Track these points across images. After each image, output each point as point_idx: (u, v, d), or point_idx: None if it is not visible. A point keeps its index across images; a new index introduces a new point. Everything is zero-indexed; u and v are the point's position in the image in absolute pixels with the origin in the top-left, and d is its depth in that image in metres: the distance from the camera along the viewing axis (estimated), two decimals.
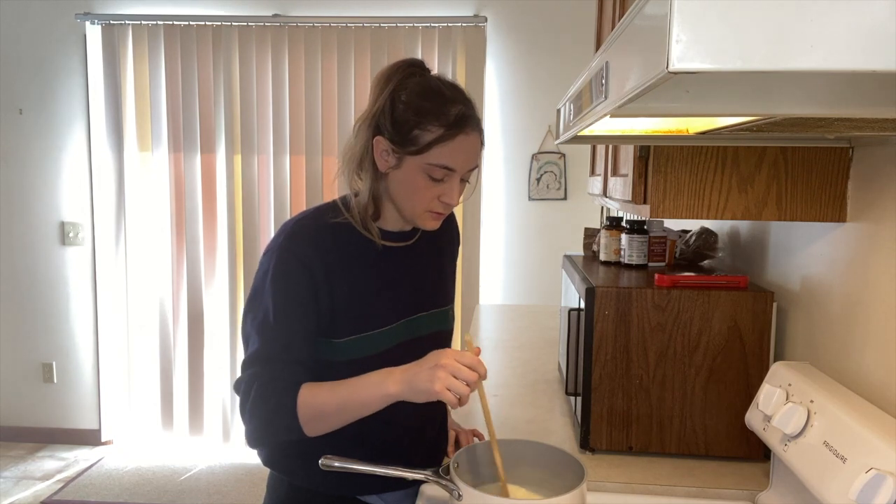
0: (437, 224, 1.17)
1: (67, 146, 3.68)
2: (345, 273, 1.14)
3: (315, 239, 1.13)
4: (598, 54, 0.73)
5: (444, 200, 1.13)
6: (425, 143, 1.07)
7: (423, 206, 1.13)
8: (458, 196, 1.14)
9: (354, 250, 1.16)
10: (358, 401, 1.06)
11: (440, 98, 1.09)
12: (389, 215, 1.20)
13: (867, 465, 0.83)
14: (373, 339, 1.17)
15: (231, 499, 3.22)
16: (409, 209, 1.15)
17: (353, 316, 1.15)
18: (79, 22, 3.55)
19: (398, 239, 1.22)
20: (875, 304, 1.06)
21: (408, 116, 1.08)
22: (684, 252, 1.69)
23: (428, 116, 1.07)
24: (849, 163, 1.17)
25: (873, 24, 0.43)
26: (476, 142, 1.12)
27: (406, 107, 1.09)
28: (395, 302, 1.20)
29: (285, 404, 1.06)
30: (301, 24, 3.47)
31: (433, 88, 1.10)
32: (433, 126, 1.07)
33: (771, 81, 0.55)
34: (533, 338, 2.34)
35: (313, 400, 1.07)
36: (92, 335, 3.79)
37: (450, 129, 1.07)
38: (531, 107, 3.50)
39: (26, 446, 3.78)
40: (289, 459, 1.22)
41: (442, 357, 1.01)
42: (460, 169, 1.11)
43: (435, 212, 1.14)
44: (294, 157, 3.58)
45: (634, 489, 1.25)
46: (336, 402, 1.06)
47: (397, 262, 1.22)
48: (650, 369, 1.33)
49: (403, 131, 1.08)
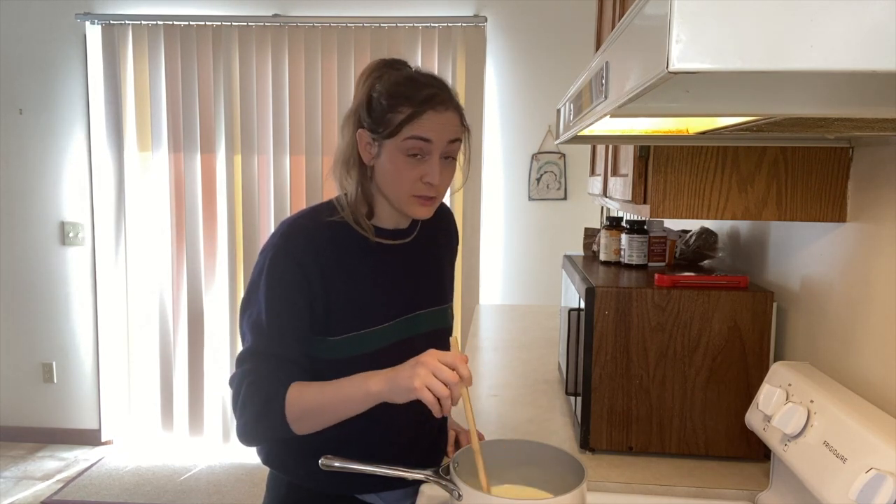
0: (427, 211, 1.17)
1: (67, 146, 3.68)
2: (340, 271, 1.14)
3: (310, 238, 1.14)
4: (598, 54, 0.72)
5: (427, 180, 1.12)
6: (397, 124, 1.10)
7: (408, 189, 1.13)
8: (439, 175, 1.13)
9: (350, 248, 1.17)
10: (341, 399, 1.06)
11: (412, 83, 1.12)
12: (383, 212, 1.20)
13: (867, 465, 0.83)
14: (369, 337, 1.17)
15: (231, 499, 3.22)
16: (396, 196, 1.15)
17: (348, 314, 1.15)
18: (79, 22, 3.55)
19: (394, 236, 1.22)
20: (875, 304, 1.06)
21: (381, 103, 1.11)
22: (684, 252, 1.69)
23: (399, 99, 1.10)
24: (849, 163, 1.17)
25: (873, 24, 0.43)
26: (450, 118, 1.12)
27: (379, 95, 1.12)
28: (392, 300, 1.20)
29: (274, 402, 1.07)
30: (301, 24, 3.47)
31: (406, 76, 1.13)
32: (403, 107, 1.10)
33: (771, 81, 0.55)
34: (533, 338, 2.34)
35: (300, 398, 1.07)
36: (92, 335, 3.79)
37: (419, 106, 1.09)
38: (531, 107, 3.50)
39: (26, 446, 3.78)
40: (288, 458, 1.22)
41: (423, 356, 1.01)
42: (436, 140, 1.11)
43: (421, 195, 1.14)
44: (294, 157, 3.58)
45: (634, 489, 1.25)
46: (320, 401, 1.07)
47: (395, 260, 1.22)
48: (650, 369, 1.33)
49: (378, 118, 1.12)
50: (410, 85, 1.11)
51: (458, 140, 1.15)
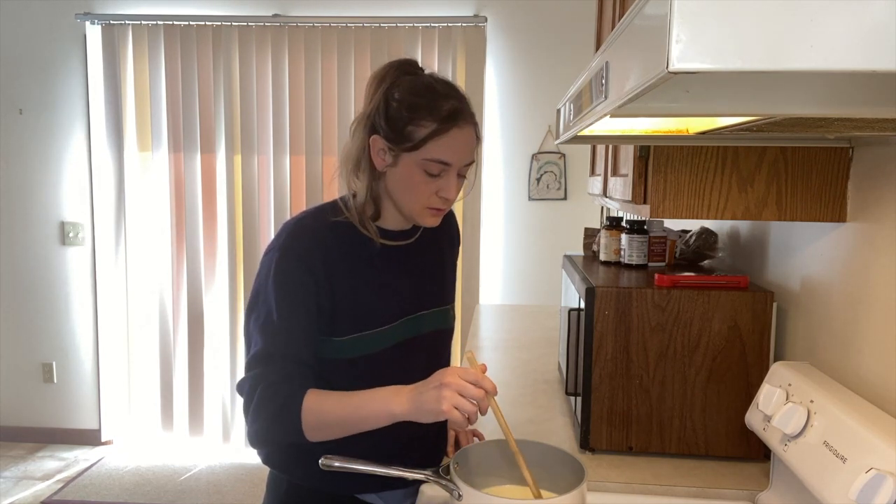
0: (437, 220, 1.17)
1: (67, 146, 3.68)
2: (346, 272, 1.14)
3: (316, 238, 1.14)
4: (598, 54, 0.72)
5: (442, 195, 1.13)
6: (420, 139, 1.08)
7: (422, 202, 1.13)
8: (455, 191, 1.14)
9: (355, 249, 1.17)
10: (362, 417, 1.06)
11: (432, 94, 1.09)
12: (389, 214, 1.20)
13: (867, 465, 0.83)
14: (373, 338, 1.17)
15: (231, 499, 3.22)
16: (408, 206, 1.15)
17: (354, 315, 1.15)
18: (79, 22, 3.55)
19: (398, 238, 1.22)
20: (875, 304, 1.06)
21: (401, 113, 1.09)
22: (684, 252, 1.69)
23: (421, 111, 1.08)
24: (849, 163, 1.17)
25: (873, 24, 0.43)
26: (471, 135, 1.13)
27: (399, 104, 1.09)
28: (396, 300, 1.21)
29: (290, 408, 1.06)
30: (301, 24, 3.47)
31: (425, 85, 1.11)
32: (427, 121, 1.08)
33: (771, 81, 0.55)
34: (533, 338, 2.34)
35: (318, 408, 1.07)
36: (92, 335, 3.79)
37: (443, 122, 1.08)
38: (531, 107, 3.50)
39: (26, 446, 3.78)
40: (288, 458, 1.23)
41: (446, 376, 1.00)
42: (456, 163, 1.11)
43: (434, 208, 1.15)
44: (294, 157, 3.58)
45: (634, 489, 1.25)
46: (340, 415, 1.06)
47: (398, 261, 1.22)
48: (650, 369, 1.33)
49: (398, 128, 1.09)
50: (431, 95, 1.09)
51: (474, 161, 1.16)
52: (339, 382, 1.13)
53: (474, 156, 1.15)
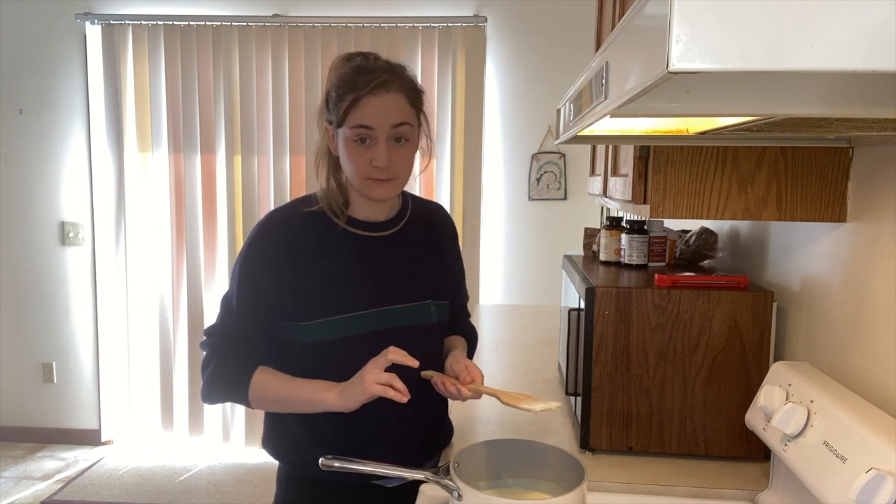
0: (384, 191, 1.20)
1: (67, 146, 3.68)
2: (312, 259, 1.21)
3: (281, 228, 1.22)
4: (598, 54, 0.72)
5: (375, 164, 1.17)
6: (343, 112, 1.16)
7: (361, 173, 1.19)
8: (386, 157, 1.16)
9: (323, 238, 1.23)
10: (298, 400, 1.19)
11: (360, 72, 1.16)
12: (357, 202, 1.26)
13: (867, 465, 0.83)
14: (337, 324, 1.21)
15: (231, 499, 3.22)
16: (353, 179, 1.21)
17: (317, 300, 1.21)
18: (79, 22, 3.55)
19: (370, 229, 1.26)
20: (875, 304, 1.06)
21: (332, 94, 1.18)
22: (684, 252, 1.69)
23: (344, 88, 1.16)
24: (849, 163, 1.17)
25: (873, 24, 0.43)
26: (392, 101, 1.16)
27: (332, 87, 1.19)
28: (364, 290, 1.23)
29: (240, 382, 1.20)
30: (301, 24, 3.47)
31: (357, 67, 1.18)
32: (348, 95, 1.15)
33: (771, 81, 0.55)
34: (533, 338, 2.34)
35: (263, 386, 1.20)
36: (92, 335, 3.79)
37: (361, 90, 1.14)
38: (531, 107, 3.50)
39: (26, 446, 3.78)
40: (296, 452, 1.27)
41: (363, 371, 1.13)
42: (378, 125, 1.15)
43: (374, 178, 1.19)
44: (294, 157, 3.58)
45: (634, 489, 1.25)
46: (279, 395, 1.20)
47: (371, 253, 1.25)
48: (650, 369, 1.33)
49: (331, 109, 1.20)
50: (358, 73, 1.16)
51: (406, 123, 1.18)
52: (308, 366, 1.21)
53: (404, 118, 1.17)
